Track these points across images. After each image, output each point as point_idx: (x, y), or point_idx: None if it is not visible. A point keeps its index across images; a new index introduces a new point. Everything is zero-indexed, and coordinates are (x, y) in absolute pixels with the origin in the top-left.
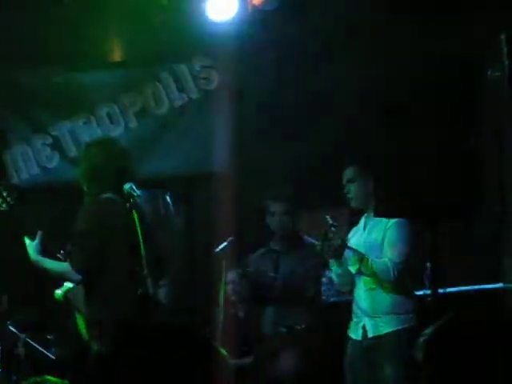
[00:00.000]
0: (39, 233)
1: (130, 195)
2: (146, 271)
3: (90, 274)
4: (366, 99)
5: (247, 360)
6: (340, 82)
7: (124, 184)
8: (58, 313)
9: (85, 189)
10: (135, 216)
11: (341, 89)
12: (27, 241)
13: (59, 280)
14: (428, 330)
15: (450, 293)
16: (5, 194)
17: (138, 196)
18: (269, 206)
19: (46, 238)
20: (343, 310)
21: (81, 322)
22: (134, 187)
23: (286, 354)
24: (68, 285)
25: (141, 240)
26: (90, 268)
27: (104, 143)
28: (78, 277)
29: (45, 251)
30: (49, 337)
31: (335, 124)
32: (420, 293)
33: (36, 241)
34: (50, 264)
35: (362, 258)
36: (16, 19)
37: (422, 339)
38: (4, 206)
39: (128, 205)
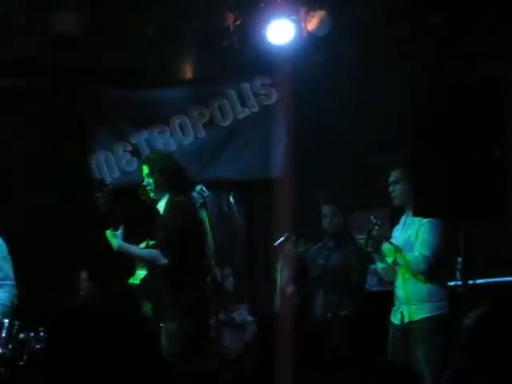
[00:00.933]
0: (122, 226)
1: (200, 195)
2: (214, 262)
3: (175, 260)
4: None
5: None
6: (387, 93)
7: (188, 187)
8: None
9: (155, 195)
10: (205, 213)
11: (387, 99)
12: (111, 232)
13: (144, 264)
14: (472, 314)
15: (479, 284)
16: (101, 190)
17: (207, 196)
18: (320, 208)
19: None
20: (384, 299)
21: (148, 307)
22: (204, 188)
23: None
24: (141, 273)
25: (210, 234)
26: (176, 255)
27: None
28: (165, 261)
29: (126, 241)
30: None
31: (383, 133)
32: (452, 283)
33: (120, 231)
34: (137, 250)
35: (396, 251)
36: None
37: (466, 322)
38: (102, 201)
39: (198, 204)
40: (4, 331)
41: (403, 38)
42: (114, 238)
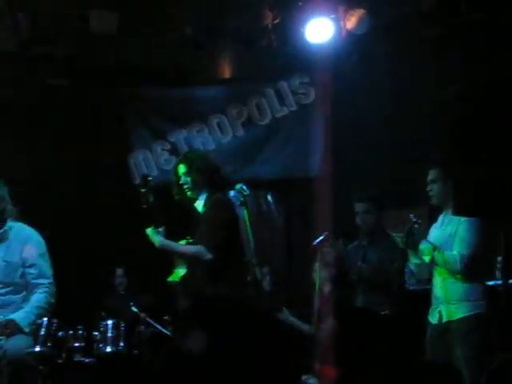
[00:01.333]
0: (163, 224)
1: (240, 194)
2: (254, 260)
3: (220, 256)
4: (446, 110)
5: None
6: (425, 94)
7: (225, 186)
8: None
9: (192, 194)
10: (245, 212)
11: (424, 98)
12: (152, 230)
13: (187, 260)
14: None
15: None
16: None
17: (248, 195)
18: (354, 206)
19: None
20: (421, 298)
21: (185, 305)
22: (245, 187)
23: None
24: (180, 271)
25: (250, 232)
26: (221, 251)
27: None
28: (209, 256)
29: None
30: (165, 317)
31: (419, 132)
32: (491, 282)
33: (162, 229)
34: (181, 246)
35: (434, 249)
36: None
37: None
38: (146, 196)
39: (239, 202)
40: (42, 329)
41: (436, 38)
42: (156, 236)
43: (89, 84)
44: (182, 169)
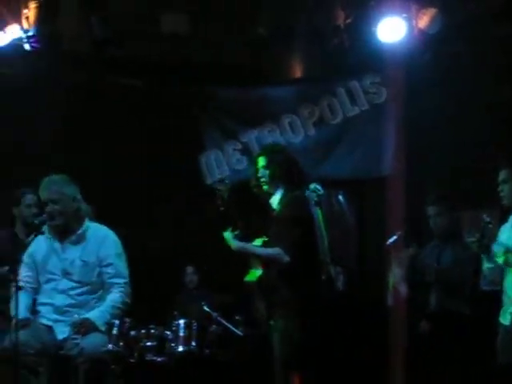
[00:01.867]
0: (239, 228)
1: (314, 194)
2: (328, 259)
3: (297, 257)
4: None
5: None
6: (497, 94)
7: (302, 183)
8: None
9: (269, 188)
10: (319, 211)
11: (495, 99)
12: (228, 234)
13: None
14: None
15: None
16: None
17: (322, 194)
18: (426, 209)
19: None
20: (493, 299)
21: (261, 305)
22: (319, 187)
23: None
24: (257, 272)
25: (324, 232)
26: (298, 252)
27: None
28: (287, 259)
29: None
30: (237, 317)
31: (494, 133)
32: None
33: (237, 232)
34: (259, 249)
35: (507, 251)
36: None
37: None
38: (222, 199)
39: (313, 202)
40: (115, 329)
41: (506, 36)
42: (233, 240)
43: (161, 85)
44: (261, 161)
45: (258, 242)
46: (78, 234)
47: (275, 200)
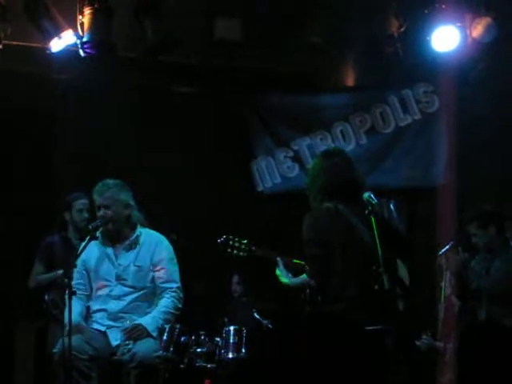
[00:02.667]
0: (279, 260)
1: (368, 203)
2: (382, 269)
3: (315, 272)
4: None
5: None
6: None
7: (352, 193)
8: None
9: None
10: (373, 220)
11: None
12: (280, 271)
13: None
14: None
15: None
16: None
17: (376, 204)
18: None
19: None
20: None
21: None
22: (372, 196)
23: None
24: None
25: (378, 241)
26: (323, 272)
27: (327, 156)
28: (312, 283)
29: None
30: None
31: None
32: None
33: (281, 267)
34: (293, 282)
35: None
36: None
37: None
38: None
39: (367, 211)
40: (165, 334)
41: None
42: (284, 277)
43: (213, 91)
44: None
45: (296, 261)
46: (131, 239)
47: None
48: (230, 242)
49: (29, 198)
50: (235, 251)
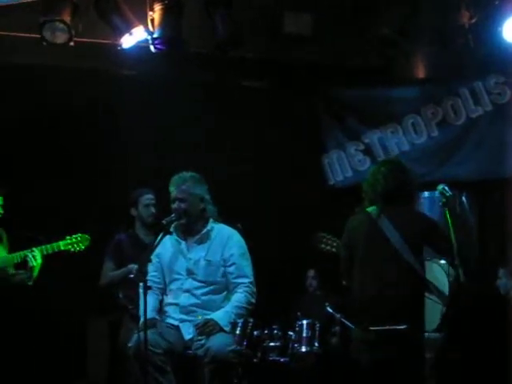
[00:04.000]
0: None
1: (442, 195)
2: (457, 261)
3: (347, 277)
4: None
5: None
6: None
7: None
8: None
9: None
10: (447, 213)
11: None
12: None
13: None
14: None
15: None
16: None
17: (450, 196)
18: None
19: None
20: None
21: None
22: (447, 188)
23: None
24: None
25: (452, 234)
26: (346, 273)
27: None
28: (344, 283)
29: None
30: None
31: None
32: None
33: None
34: None
35: None
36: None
37: None
38: None
39: (440, 203)
40: (238, 329)
41: None
42: None
43: (283, 85)
44: None
45: None
46: (202, 233)
47: None
48: (324, 239)
49: (93, 197)
50: (328, 247)
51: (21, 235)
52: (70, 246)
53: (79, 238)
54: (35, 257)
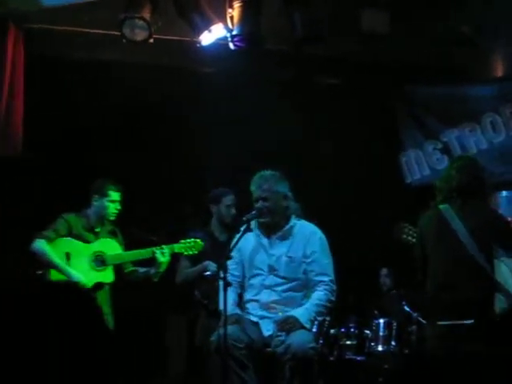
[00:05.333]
0: None
1: None
2: None
3: (421, 275)
4: None
5: None
6: None
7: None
8: None
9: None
10: None
11: None
12: None
13: None
14: None
15: None
16: None
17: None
18: None
19: None
20: None
21: None
22: None
23: None
24: None
25: None
26: (421, 270)
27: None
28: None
29: None
30: None
31: None
32: None
33: None
34: None
35: None
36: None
37: None
38: None
39: None
40: (315, 326)
41: None
42: None
43: (360, 83)
44: None
45: None
46: (285, 230)
47: None
48: (405, 229)
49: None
50: (409, 237)
51: (134, 235)
52: (183, 250)
53: (193, 243)
54: (164, 253)
